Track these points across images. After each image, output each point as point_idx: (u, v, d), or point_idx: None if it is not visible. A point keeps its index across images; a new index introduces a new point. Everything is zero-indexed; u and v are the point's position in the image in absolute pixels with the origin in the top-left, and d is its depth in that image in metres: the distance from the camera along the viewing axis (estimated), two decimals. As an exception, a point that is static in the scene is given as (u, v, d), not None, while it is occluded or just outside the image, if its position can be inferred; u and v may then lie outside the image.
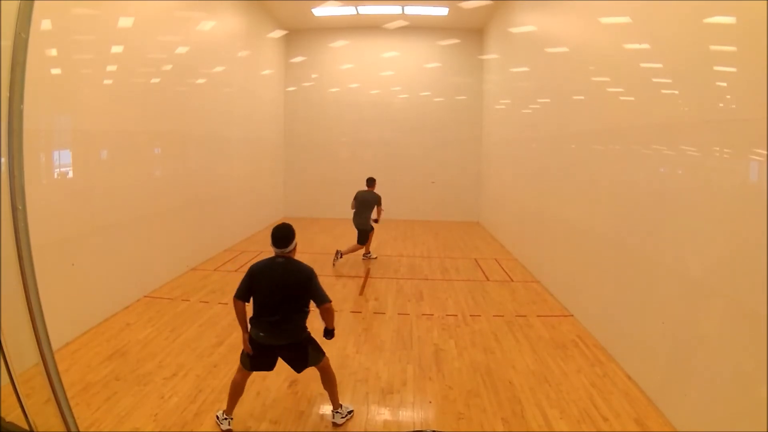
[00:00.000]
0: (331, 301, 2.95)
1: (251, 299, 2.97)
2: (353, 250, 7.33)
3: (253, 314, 2.97)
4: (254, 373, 3.75)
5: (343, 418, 3.11)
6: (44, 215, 3.87)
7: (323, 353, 3.09)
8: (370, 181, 7.72)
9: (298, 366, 3.06)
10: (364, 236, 7.37)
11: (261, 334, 2.93)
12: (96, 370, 3.73)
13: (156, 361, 3.93)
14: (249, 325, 2.98)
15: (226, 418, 3.01)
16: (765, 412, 2.24)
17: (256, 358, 2.99)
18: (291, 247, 2.97)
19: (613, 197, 4.29)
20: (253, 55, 9.88)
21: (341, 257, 7.29)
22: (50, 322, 2.00)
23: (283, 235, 2.95)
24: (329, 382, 3.09)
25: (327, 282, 6.39)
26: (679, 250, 3.17)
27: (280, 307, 2.90)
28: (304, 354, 3.02)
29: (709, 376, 2.78)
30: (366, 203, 7.50)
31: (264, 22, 10.35)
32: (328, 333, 3.07)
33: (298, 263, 2.99)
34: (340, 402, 3.17)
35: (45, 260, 2.80)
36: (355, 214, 7.50)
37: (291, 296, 2.90)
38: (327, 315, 2.98)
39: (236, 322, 3.67)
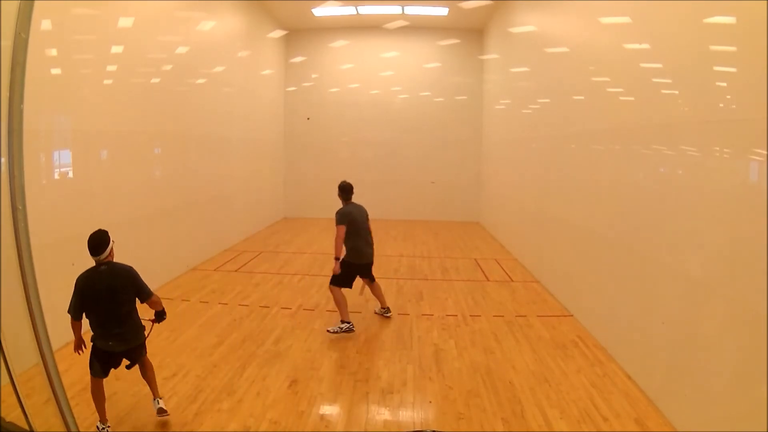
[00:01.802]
0: (154, 294, 3.12)
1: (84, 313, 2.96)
2: (337, 303, 4.70)
3: (95, 326, 2.97)
4: (255, 374, 3.77)
5: (161, 405, 3.11)
6: (44, 215, 3.87)
7: (145, 351, 3.20)
8: (350, 190, 4.89)
9: (134, 361, 3.14)
10: (350, 275, 4.77)
11: (110, 343, 2.96)
12: (96, 370, 3.72)
13: (156, 361, 3.91)
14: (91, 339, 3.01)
15: (104, 427, 2.96)
16: (765, 412, 2.24)
17: (106, 363, 3.02)
18: (107, 252, 2.98)
19: (613, 197, 4.29)
20: (253, 55, 9.88)
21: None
22: (50, 322, 2.00)
23: (98, 242, 2.94)
24: (149, 371, 3.20)
25: (327, 281, 6.38)
26: (679, 250, 3.17)
27: (120, 313, 2.96)
28: (140, 355, 3.14)
29: (709, 376, 2.78)
30: (365, 222, 4.89)
31: (264, 22, 10.34)
32: (158, 315, 3.22)
33: (120, 265, 3.05)
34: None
35: (45, 260, 2.80)
36: (358, 240, 4.75)
37: (124, 298, 2.98)
38: (154, 305, 3.16)
39: (235, 323, 3.68)
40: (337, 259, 4.57)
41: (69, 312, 2.92)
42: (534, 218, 7.04)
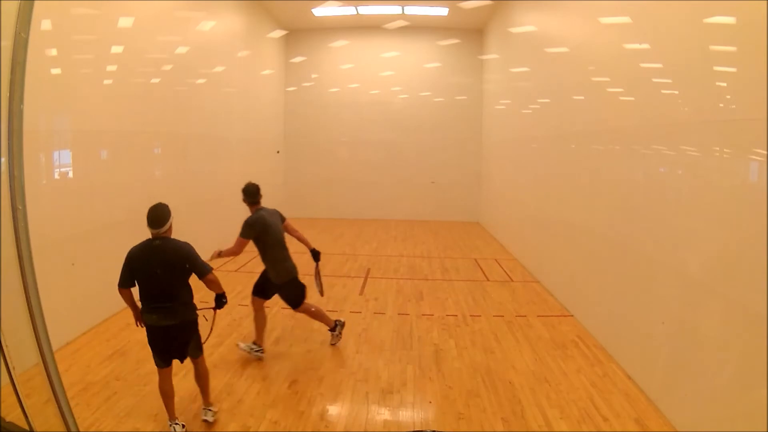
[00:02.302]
0: (212, 270, 3.04)
1: (136, 284, 2.98)
2: (314, 316, 4.27)
3: (143, 299, 2.95)
4: (255, 374, 3.77)
5: (213, 416, 3.10)
6: (44, 215, 3.86)
7: (201, 350, 3.13)
8: (256, 192, 4.41)
9: (181, 352, 3.03)
10: (298, 289, 4.20)
11: (154, 316, 2.92)
12: (96, 370, 3.73)
13: (156, 361, 3.92)
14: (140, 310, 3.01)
15: (176, 423, 2.97)
16: (765, 412, 2.24)
17: (160, 350, 2.97)
18: (166, 227, 2.96)
19: (613, 197, 4.29)
20: (253, 55, 9.87)
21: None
22: (50, 322, 2.00)
23: (159, 216, 2.94)
24: (202, 377, 3.13)
25: (327, 282, 6.39)
26: (679, 249, 3.17)
27: (169, 287, 2.92)
28: (190, 337, 3.02)
29: (709, 376, 2.78)
30: (279, 230, 4.28)
31: (264, 22, 10.34)
32: (218, 299, 3.12)
33: (176, 242, 3.00)
34: (211, 401, 3.17)
35: (45, 260, 2.80)
36: (276, 254, 4.13)
37: (176, 274, 2.93)
38: (212, 285, 3.05)
39: (235, 323, 3.69)
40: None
41: (119, 285, 2.93)
42: (534, 218, 7.04)
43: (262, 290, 4.10)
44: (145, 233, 3.38)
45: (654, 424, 3.09)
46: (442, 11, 10.27)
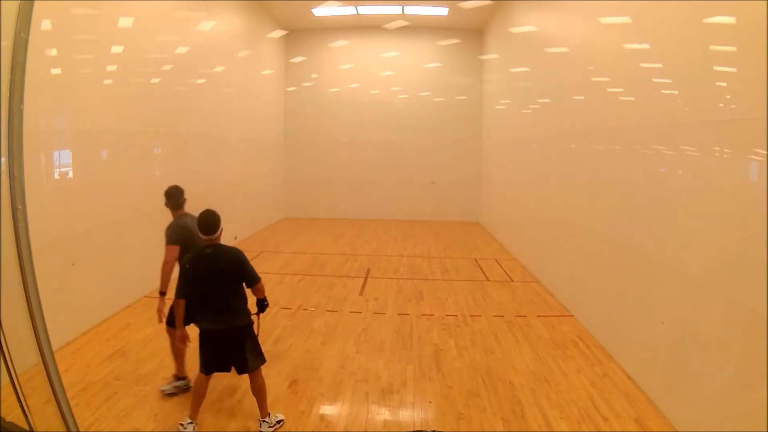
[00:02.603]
0: (260, 280, 3.04)
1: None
2: (173, 349, 3.56)
3: (199, 305, 2.97)
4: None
5: (270, 427, 3.03)
6: (44, 215, 3.87)
7: (261, 360, 3.08)
8: (179, 195, 4.00)
9: (241, 362, 2.99)
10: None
11: (209, 322, 2.95)
12: (96, 370, 3.73)
13: (156, 361, 3.93)
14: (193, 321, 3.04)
15: (190, 422, 2.96)
16: (765, 412, 2.24)
17: (208, 355, 2.97)
18: (218, 233, 2.96)
19: (613, 197, 4.29)
20: (253, 55, 9.88)
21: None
22: (50, 322, 2.00)
23: (211, 222, 2.94)
24: (260, 391, 3.06)
25: (327, 282, 6.40)
26: (679, 249, 3.17)
27: (222, 294, 2.93)
28: (245, 342, 2.99)
29: (709, 376, 2.78)
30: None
31: (264, 22, 10.34)
32: (260, 303, 3.12)
33: (228, 249, 3.02)
34: (269, 411, 3.10)
35: (45, 260, 2.80)
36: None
37: (228, 281, 2.94)
38: (258, 293, 3.08)
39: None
40: (162, 293, 3.40)
41: (177, 297, 3.01)
42: (534, 218, 7.04)
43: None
44: (145, 233, 3.40)
45: (654, 424, 3.09)
46: (442, 11, 10.27)
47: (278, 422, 3.08)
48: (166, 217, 3.70)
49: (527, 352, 4.20)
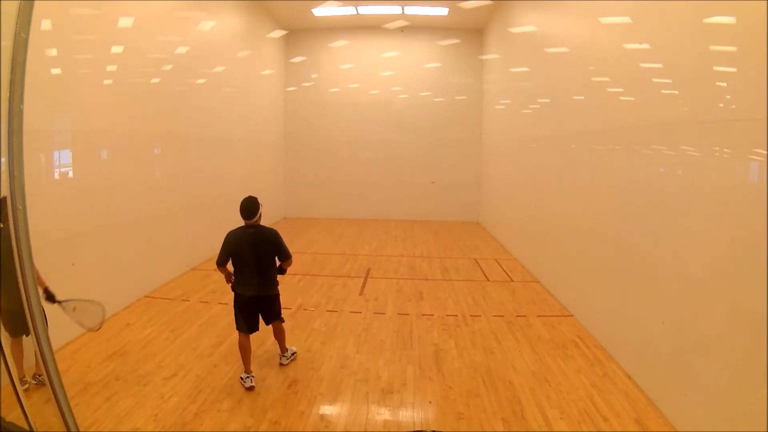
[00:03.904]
0: (291, 257, 3.70)
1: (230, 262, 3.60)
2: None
3: (237, 274, 3.60)
4: (255, 374, 3.77)
5: (288, 359, 3.93)
6: (44, 215, 3.87)
7: (281, 316, 3.86)
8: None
9: (270, 317, 3.76)
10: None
11: (246, 289, 3.56)
12: (96, 370, 3.73)
13: (156, 361, 3.93)
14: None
15: (248, 376, 3.54)
16: (765, 412, 2.24)
17: (246, 318, 3.59)
18: (257, 217, 3.58)
19: (613, 197, 4.29)
20: (253, 55, 9.88)
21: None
22: (50, 322, 2.00)
23: (251, 208, 3.56)
24: (280, 334, 3.89)
25: (327, 282, 6.40)
26: (679, 250, 3.17)
27: (257, 266, 3.55)
28: (275, 306, 3.76)
29: (709, 376, 2.78)
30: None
31: (264, 22, 10.34)
32: (280, 269, 3.73)
33: (266, 229, 3.65)
34: (287, 347, 3.97)
35: (45, 260, 2.80)
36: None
37: (264, 256, 3.59)
38: (286, 265, 3.73)
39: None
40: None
41: (218, 263, 3.59)
42: (534, 218, 7.04)
43: None
44: (145, 233, 3.45)
45: (654, 424, 3.09)
46: (442, 11, 10.27)
47: (292, 354, 4.00)
48: (168, 218, 3.74)
49: (527, 352, 4.20)
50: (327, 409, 3.30)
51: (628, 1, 3.97)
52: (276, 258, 3.66)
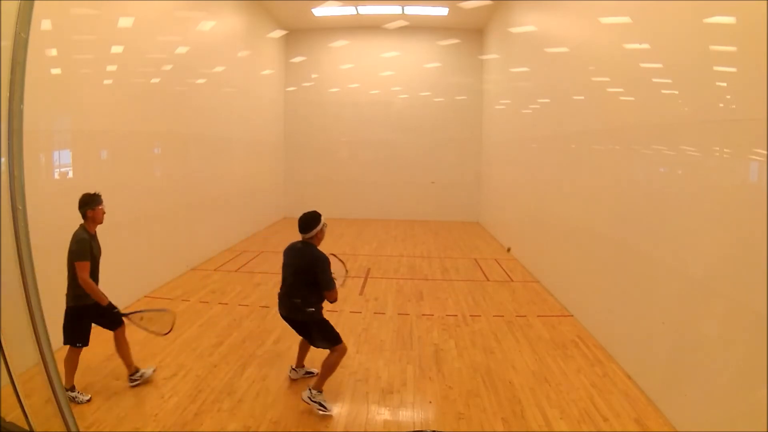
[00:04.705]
0: (333, 289, 3.27)
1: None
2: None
3: (280, 288, 3.44)
4: (255, 373, 3.77)
5: (313, 400, 3.24)
6: (44, 215, 3.86)
7: (333, 343, 3.33)
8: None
9: (311, 343, 3.47)
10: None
11: (280, 306, 3.40)
12: (96, 370, 3.73)
13: (156, 361, 3.93)
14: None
15: (294, 369, 3.63)
16: (765, 412, 2.24)
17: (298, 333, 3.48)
18: (311, 234, 3.30)
19: (613, 197, 4.29)
20: (253, 55, 9.88)
21: None
22: (50, 322, 2.00)
23: (304, 223, 3.32)
24: (324, 367, 3.36)
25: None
26: (679, 250, 3.17)
27: (290, 286, 3.32)
28: (312, 331, 3.38)
29: (709, 376, 2.78)
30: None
31: (264, 22, 10.34)
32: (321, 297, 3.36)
33: (313, 249, 3.30)
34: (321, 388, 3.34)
35: (45, 260, 2.80)
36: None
37: (298, 277, 3.27)
38: (329, 297, 3.33)
39: (235, 323, 3.75)
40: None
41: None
42: (534, 218, 7.04)
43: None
44: (145, 233, 3.43)
45: (654, 424, 3.09)
46: (442, 11, 10.27)
47: (321, 405, 3.24)
48: (168, 218, 3.70)
49: (527, 352, 4.20)
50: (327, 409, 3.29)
51: (628, 1, 3.97)
52: (312, 283, 3.25)
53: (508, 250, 3.10)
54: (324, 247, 3.41)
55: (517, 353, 4.18)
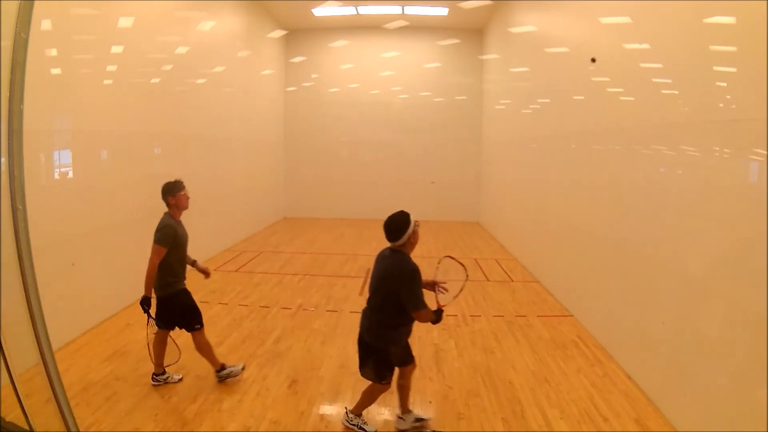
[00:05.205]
0: (423, 309, 2.68)
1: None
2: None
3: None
4: (255, 373, 3.77)
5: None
6: (44, 215, 3.86)
7: (379, 380, 2.83)
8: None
9: (360, 363, 2.92)
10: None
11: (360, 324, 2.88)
12: (96, 370, 3.73)
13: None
14: None
15: (401, 417, 3.05)
16: (765, 412, 2.24)
17: (360, 356, 2.90)
18: (401, 241, 2.77)
19: (613, 197, 4.29)
20: (253, 55, 9.88)
21: None
22: (50, 322, 2.00)
23: (389, 227, 2.80)
24: (363, 396, 2.99)
25: (327, 281, 6.40)
26: (679, 249, 3.17)
27: (369, 301, 2.84)
28: (371, 358, 2.81)
29: (709, 376, 2.78)
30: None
31: (264, 22, 10.34)
32: (437, 313, 2.83)
33: (400, 259, 2.75)
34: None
35: (45, 260, 2.80)
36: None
37: (378, 291, 2.75)
38: (419, 318, 2.75)
39: (235, 323, 3.72)
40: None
41: None
42: (534, 218, 7.04)
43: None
44: (145, 233, 3.42)
45: (654, 424, 3.09)
46: (442, 11, 10.27)
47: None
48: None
49: (527, 352, 4.20)
50: (327, 409, 3.29)
51: (628, 1, 3.97)
52: (396, 302, 2.69)
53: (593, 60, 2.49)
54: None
55: (517, 353, 4.18)
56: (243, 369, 3.67)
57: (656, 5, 3.46)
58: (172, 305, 3.47)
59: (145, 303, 3.28)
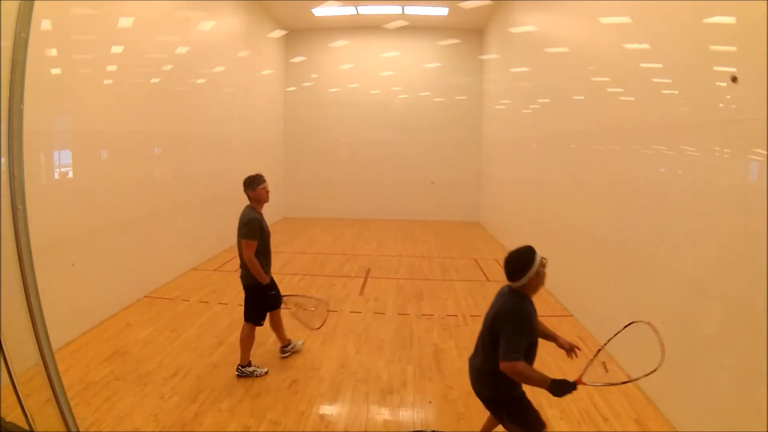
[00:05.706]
0: (512, 361, 2.15)
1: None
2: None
3: None
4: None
5: None
6: (44, 215, 3.87)
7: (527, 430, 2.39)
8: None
9: (498, 419, 2.50)
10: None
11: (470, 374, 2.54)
12: (96, 370, 3.73)
13: (156, 361, 3.93)
14: None
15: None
16: (765, 412, 2.24)
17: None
18: (521, 282, 2.27)
19: (613, 197, 4.29)
20: (253, 55, 9.88)
21: None
22: (50, 322, 2.00)
23: (508, 265, 2.33)
24: None
25: (327, 282, 6.41)
26: (679, 250, 3.17)
27: (480, 341, 2.42)
28: (491, 408, 2.47)
29: (709, 376, 2.78)
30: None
31: (264, 22, 10.34)
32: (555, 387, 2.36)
33: (515, 298, 2.30)
34: None
35: (45, 260, 2.80)
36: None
37: (488, 334, 2.32)
38: (504, 369, 2.19)
39: (235, 323, 3.71)
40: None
41: None
42: (534, 218, 7.03)
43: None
44: (145, 233, 3.40)
45: (654, 424, 3.09)
46: (442, 11, 10.27)
47: None
48: (168, 218, 3.68)
49: (527, 352, 4.19)
50: (327, 409, 3.30)
51: (628, 1, 3.97)
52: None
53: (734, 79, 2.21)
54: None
55: (517, 353, 4.17)
56: (303, 343, 4.14)
57: (656, 5, 3.46)
58: (260, 292, 3.73)
59: (267, 289, 3.67)
